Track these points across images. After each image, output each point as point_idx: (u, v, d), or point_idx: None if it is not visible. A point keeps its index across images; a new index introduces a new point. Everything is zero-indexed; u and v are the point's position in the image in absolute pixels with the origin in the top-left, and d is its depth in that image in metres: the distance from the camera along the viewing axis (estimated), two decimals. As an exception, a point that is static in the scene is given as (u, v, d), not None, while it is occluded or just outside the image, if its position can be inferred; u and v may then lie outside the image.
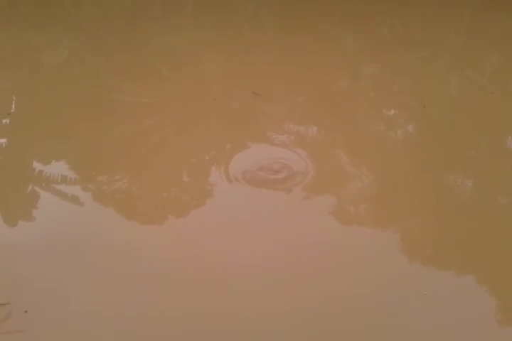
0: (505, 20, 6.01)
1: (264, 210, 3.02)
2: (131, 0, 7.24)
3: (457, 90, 4.68)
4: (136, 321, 2.34)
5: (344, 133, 3.91)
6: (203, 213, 3.07)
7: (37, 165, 3.46)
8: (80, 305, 2.41)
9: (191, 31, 5.88)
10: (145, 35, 5.74)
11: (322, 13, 6.36)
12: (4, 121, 3.96)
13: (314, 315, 2.37)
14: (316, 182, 3.28)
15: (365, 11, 6.61)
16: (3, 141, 3.75)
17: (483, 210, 3.09)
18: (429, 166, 3.46)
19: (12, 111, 4.11)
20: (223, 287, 2.50)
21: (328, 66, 4.91)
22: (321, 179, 3.33)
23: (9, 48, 5.36)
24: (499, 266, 2.67)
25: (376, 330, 2.32)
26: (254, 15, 6.59)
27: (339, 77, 4.80)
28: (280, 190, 3.21)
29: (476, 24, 6.22)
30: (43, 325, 2.33)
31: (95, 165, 3.47)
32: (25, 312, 2.34)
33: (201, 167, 3.49)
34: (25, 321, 2.32)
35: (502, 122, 4.02)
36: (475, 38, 5.84)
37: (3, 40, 5.58)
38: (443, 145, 3.68)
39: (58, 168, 3.41)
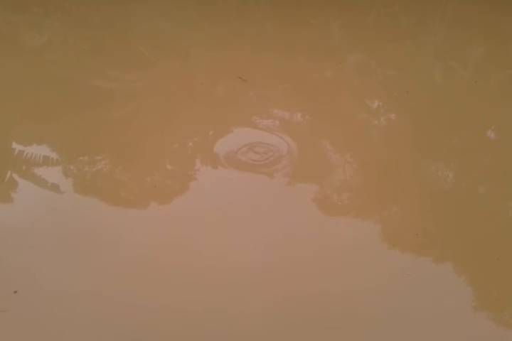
0: (489, 10, 6.04)
1: (247, 195, 3.02)
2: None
3: (441, 80, 4.70)
4: (119, 305, 2.34)
5: (328, 120, 3.92)
6: (186, 198, 3.06)
7: (16, 150, 3.40)
8: (65, 287, 2.41)
9: (177, 15, 5.80)
10: (130, 18, 5.65)
11: (309, 2, 6.32)
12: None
13: (296, 305, 2.38)
14: (300, 169, 3.29)
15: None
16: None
17: (463, 200, 3.12)
18: (411, 155, 3.49)
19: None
20: (204, 275, 2.51)
21: (313, 53, 4.89)
22: (305, 165, 3.34)
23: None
24: (478, 255, 2.71)
25: (357, 316, 2.36)
26: (241, 2, 6.51)
27: (325, 64, 4.80)
28: (264, 174, 3.21)
29: (460, 15, 6.24)
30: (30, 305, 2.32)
31: (77, 149, 3.42)
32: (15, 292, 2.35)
33: (185, 152, 3.47)
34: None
35: (484, 112, 4.06)
36: (459, 28, 5.87)
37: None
38: (426, 134, 3.71)
39: (39, 152, 3.36)
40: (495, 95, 4.33)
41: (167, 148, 3.49)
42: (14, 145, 3.46)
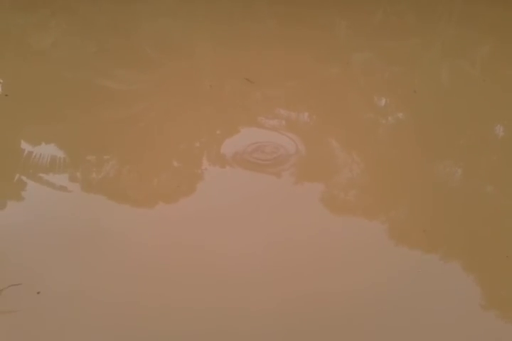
0: (496, 8, 6.02)
1: (254, 195, 3.02)
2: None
3: (448, 78, 4.68)
4: (126, 309, 2.34)
5: (335, 120, 3.92)
6: (194, 199, 3.06)
7: (24, 150, 3.41)
8: (71, 287, 2.41)
9: (183, 15, 5.81)
10: (136, 18, 5.67)
11: (315, 0, 6.32)
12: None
13: (305, 305, 2.37)
14: (307, 168, 3.29)
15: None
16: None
17: (471, 199, 3.10)
18: (418, 154, 3.47)
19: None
20: (212, 275, 2.50)
21: (320, 52, 4.89)
22: (312, 165, 3.34)
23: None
24: (486, 253, 2.69)
25: (366, 317, 2.34)
26: (247, 1, 6.52)
27: (331, 64, 4.79)
28: (271, 173, 3.21)
29: (467, 12, 6.21)
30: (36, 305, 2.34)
31: (83, 149, 3.43)
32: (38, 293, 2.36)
33: (191, 152, 3.48)
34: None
35: (492, 111, 4.04)
36: (467, 26, 5.85)
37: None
38: (433, 133, 3.69)
39: (46, 152, 3.37)
40: (503, 94, 4.31)
41: (174, 148, 3.49)
42: (23, 145, 3.48)
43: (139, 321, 2.28)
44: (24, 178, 3.17)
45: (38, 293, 2.36)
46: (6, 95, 3.95)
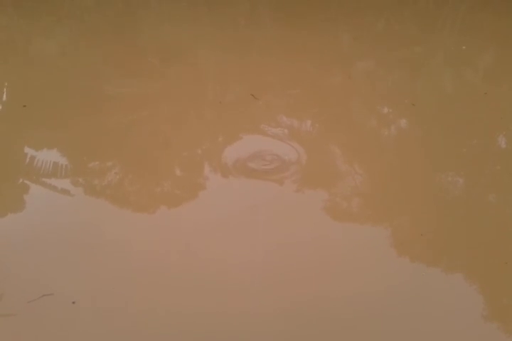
0: (499, 18, 6.04)
1: (256, 203, 3.02)
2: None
3: (450, 88, 4.69)
4: (125, 316, 2.34)
5: (338, 128, 3.93)
6: (196, 206, 3.07)
7: (28, 156, 3.43)
8: (73, 291, 2.42)
9: (187, 23, 5.85)
10: (140, 26, 5.71)
11: (318, 9, 6.36)
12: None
13: (304, 311, 2.38)
14: (309, 176, 3.29)
15: (360, 6, 6.62)
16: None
17: (473, 208, 3.11)
18: (421, 163, 3.47)
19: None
20: (214, 282, 2.50)
21: (323, 60, 4.91)
22: (314, 173, 3.34)
23: (0, 37, 5.30)
24: (488, 264, 2.69)
25: (366, 324, 2.34)
26: (251, 9, 6.57)
27: (334, 72, 4.81)
28: (273, 181, 3.21)
29: (470, 22, 6.24)
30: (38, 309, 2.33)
31: (87, 157, 3.45)
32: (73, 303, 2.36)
33: (194, 159, 3.49)
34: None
35: (494, 120, 4.04)
36: (469, 35, 5.86)
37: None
38: (435, 142, 3.69)
39: (50, 159, 3.39)
40: (506, 102, 4.31)
41: (176, 156, 3.51)
42: (26, 151, 3.50)
43: (140, 326, 2.28)
44: (27, 182, 3.18)
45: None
46: (24, 106, 3.97)
